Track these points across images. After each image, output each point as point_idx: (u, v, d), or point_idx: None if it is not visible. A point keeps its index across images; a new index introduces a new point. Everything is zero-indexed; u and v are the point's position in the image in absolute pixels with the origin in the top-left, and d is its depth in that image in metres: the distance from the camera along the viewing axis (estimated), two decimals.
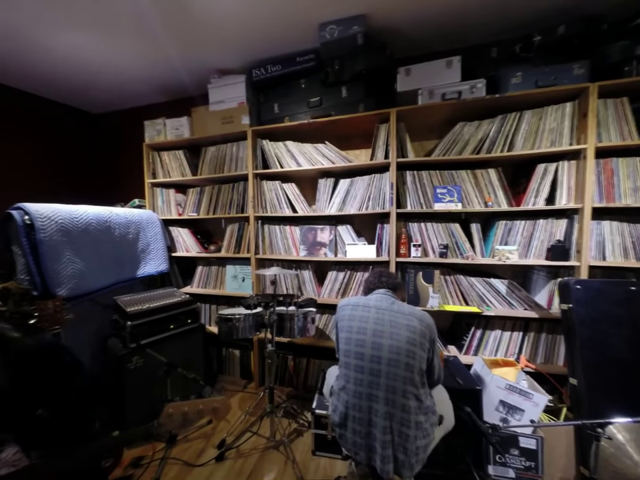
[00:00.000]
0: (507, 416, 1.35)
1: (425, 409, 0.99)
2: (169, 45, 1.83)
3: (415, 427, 0.95)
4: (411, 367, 0.97)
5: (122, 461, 1.41)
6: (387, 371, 0.98)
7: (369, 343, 1.02)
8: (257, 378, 2.10)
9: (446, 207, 1.68)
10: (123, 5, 1.49)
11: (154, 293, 1.89)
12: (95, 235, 1.72)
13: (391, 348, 0.99)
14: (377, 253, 1.82)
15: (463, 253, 1.69)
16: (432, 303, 1.69)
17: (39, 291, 1.43)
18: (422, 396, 0.99)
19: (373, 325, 1.04)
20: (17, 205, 1.46)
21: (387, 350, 0.99)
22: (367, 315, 1.07)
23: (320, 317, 1.98)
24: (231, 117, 2.00)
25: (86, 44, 1.81)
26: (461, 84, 1.62)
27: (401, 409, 0.95)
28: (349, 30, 1.63)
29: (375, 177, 1.81)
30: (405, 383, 0.96)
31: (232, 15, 1.58)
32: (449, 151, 1.68)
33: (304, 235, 1.98)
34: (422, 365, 0.99)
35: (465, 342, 1.70)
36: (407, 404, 0.96)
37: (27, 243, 1.42)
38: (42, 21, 1.60)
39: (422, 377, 1.00)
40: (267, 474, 1.40)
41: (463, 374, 1.47)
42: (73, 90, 2.40)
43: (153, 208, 2.32)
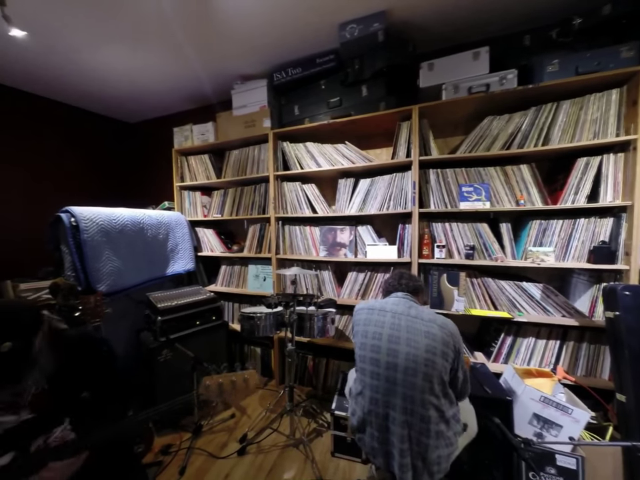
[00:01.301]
0: (542, 431, 1.25)
1: (447, 418, 0.94)
2: (195, 56, 1.93)
3: (436, 437, 0.91)
4: (430, 376, 0.92)
5: (153, 448, 1.51)
6: (404, 379, 0.94)
7: (384, 349, 0.98)
8: (277, 376, 2.14)
9: (472, 206, 1.59)
10: (152, 21, 1.59)
11: (182, 291, 1.99)
12: (130, 235, 1.85)
13: (408, 355, 0.94)
14: (399, 253, 1.78)
15: (492, 255, 1.60)
16: (457, 306, 1.61)
17: (83, 287, 1.57)
18: (443, 406, 0.93)
19: (388, 330, 1.00)
20: (65, 208, 1.61)
21: (404, 357, 0.94)
22: (383, 320, 1.03)
23: (340, 317, 1.97)
24: (253, 121, 2.06)
25: (121, 59, 1.96)
26: (490, 76, 1.53)
27: (419, 419, 0.91)
28: (370, 28, 1.61)
29: (396, 176, 1.77)
30: (423, 393, 0.92)
31: (253, 22, 1.63)
32: (476, 147, 1.60)
33: (324, 235, 1.98)
34: (444, 375, 0.94)
35: (493, 349, 1.60)
36: (427, 414, 0.91)
37: (72, 243, 1.56)
38: (84, 42, 1.76)
39: (444, 387, 0.95)
40: (286, 471, 1.41)
41: (491, 382, 1.38)
42: (112, 102, 2.61)
43: (181, 210, 2.45)
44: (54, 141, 2.52)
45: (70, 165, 2.63)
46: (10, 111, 2.26)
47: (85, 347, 0.91)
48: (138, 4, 1.47)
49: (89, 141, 2.77)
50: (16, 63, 1.96)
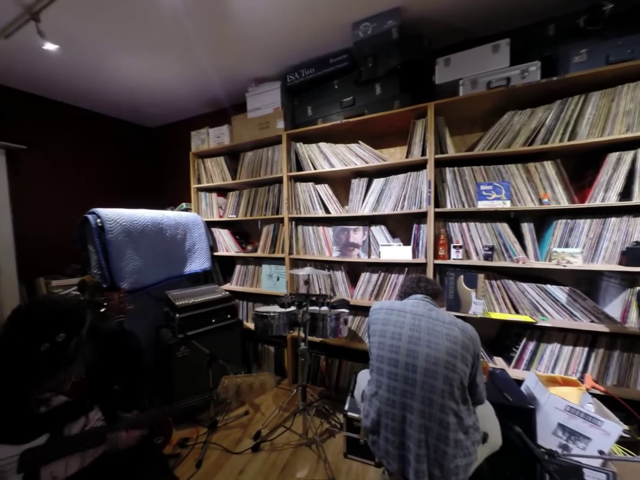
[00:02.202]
0: (568, 443, 1.18)
1: (466, 427, 0.91)
2: (211, 62, 1.99)
3: (454, 445, 0.88)
4: (450, 379, 0.90)
5: (171, 440, 1.56)
6: (423, 381, 0.92)
7: (403, 349, 0.97)
8: (291, 375, 2.16)
9: (492, 205, 1.53)
10: (170, 31, 1.65)
11: (199, 289, 2.06)
12: (150, 235, 1.93)
13: (428, 357, 0.92)
14: (413, 254, 1.74)
15: (512, 256, 1.53)
16: (475, 309, 1.56)
17: (107, 284, 1.65)
18: (462, 413, 0.91)
19: (408, 331, 0.99)
20: (92, 210, 1.70)
21: (423, 359, 0.93)
22: (402, 321, 1.02)
23: (353, 318, 1.96)
24: (267, 123, 2.09)
25: (142, 68, 2.05)
26: (510, 69, 1.47)
27: (438, 424, 0.89)
28: (384, 25, 1.59)
29: (410, 175, 1.74)
30: (443, 397, 0.89)
31: (267, 27, 1.65)
32: (496, 143, 1.54)
33: (337, 235, 1.98)
34: (463, 379, 0.91)
35: (514, 354, 1.53)
36: (445, 419, 0.89)
37: (98, 243, 1.65)
38: (108, 52, 1.85)
39: (463, 392, 0.92)
40: (299, 470, 1.42)
41: (511, 389, 1.32)
42: (134, 108, 2.74)
43: (197, 211, 2.53)
44: (82, 147, 2.68)
45: (96, 168, 2.78)
46: (45, 121, 2.43)
47: (118, 342, 0.96)
48: (157, 14, 1.53)
49: (113, 145, 2.92)
50: (49, 75, 2.10)
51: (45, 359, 0.72)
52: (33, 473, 0.72)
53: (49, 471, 0.73)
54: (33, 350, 0.70)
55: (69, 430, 0.78)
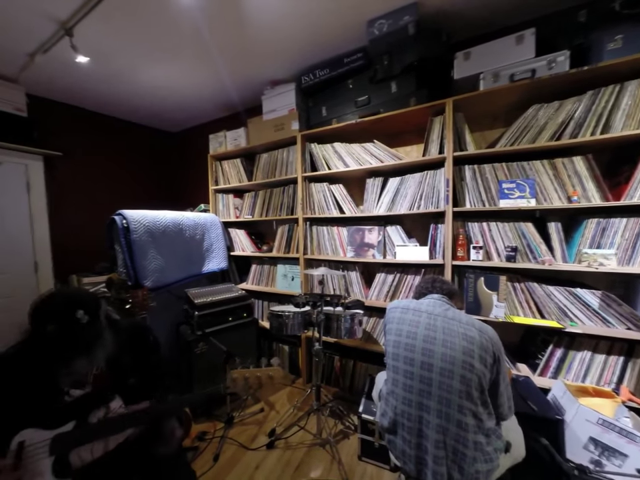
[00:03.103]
0: (601, 458, 1.10)
1: (487, 430, 0.87)
2: (228, 68, 2.05)
3: (474, 448, 0.85)
4: (468, 380, 0.87)
5: (190, 433, 1.62)
6: (440, 381, 0.90)
7: (418, 348, 0.96)
8: (305, 374, 2.17)
9: (515, 203, 1.46)
10: (189, 39, 1.71)
11: (216, 288, 2.12)
12: (171, 236, 2.01)
13: (444, 357, 0.90)
14: (430, 255, 1.69)
15: (538, 257, 1.45)
16: (496, 312, 1.49)
17: (132, 282, 1.74)
18: (482, 414, 0.87)
19: (423, 330, 0.97)
20: (118, 212, 1.80)
21: (439, 358, 0.91)
22: (418, 320, 1.01)
23: (367, 319, 1.94)
24: (282, 124, 2.11)
25: (163, 75, 2.14)
26: (536, 60, 1.39)
27: (456, 425, 0.87)
28: (399, 21, 1.56)
29: (427, 174, 1.69)
30: (460, 397, 0.87)
31: (282, 30, 1.67)
32: (519, 139, 1.46)
33: (351, 235, 1.96)
34: (482, 381, 0.88)
35: (539, 361, 1.45)
36: (464, 420, 0.86)
37: (124, 242, 1.74)
38: (133, 62, 1.95)
39: (481, 393, 0.88)
40: (313, 469, 1.43)
41: (536, 398, 1.25)
42: (156, 114, 2.87)
43: (215, 211, 2.61)
44: (110, 152, 2.84)
45: (123, 172, 2.94)
46: (77, 129, 2.60)
47: (135, 336, 1.01)
48: (177, 24, 1.59)
49: (138, 150, 3.08)
50: (80, 86, 2.25)
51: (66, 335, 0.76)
52: (62, 456, 0.77)
53: (77, 455, 0.78)
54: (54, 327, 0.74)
55: (93, 418, 0.83)
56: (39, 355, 0.77)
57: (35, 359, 0.77)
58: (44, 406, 0.79)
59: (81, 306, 0.79)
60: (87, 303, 0.82)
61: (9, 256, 2.21)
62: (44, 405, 0.79)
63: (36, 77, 2.10)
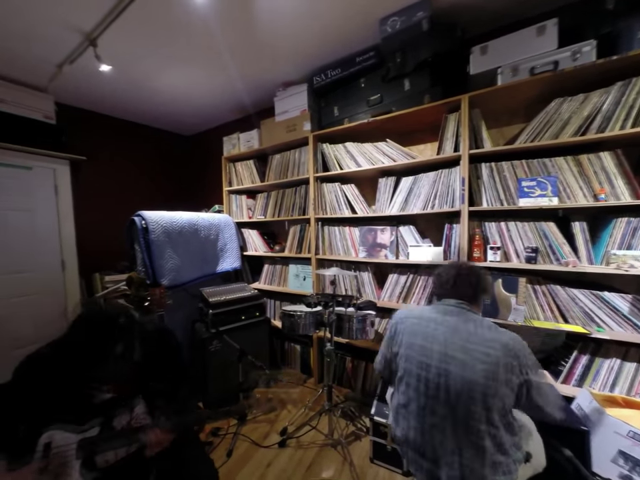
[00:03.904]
0: (632, 473, 1.03)
1: (506, 449, 0.82)
2: (241, 71, 2.08)
3: (492, 467, 0.81)
4: (489, 405, 0.80)
5: (205, 428, 1.66)
6: (456, 404, 0.84)
7: (433, 368, 0.88)
8: (316, 374, 2.17)
9: (535, 202, 1.40)
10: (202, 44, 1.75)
11: (230, 287, 2.16)
12: (187, 236, 2.07)
13: (463, 380, 0.83)
14: (445, 255, 1.65)
15: (561, 259, 1.38)
16: (515, 316, 1.43)
17: (150, 280, 1.81)
18: (502, 437, 0.81)
19: (438, 347, 0.89)
20: (138, 213, 1.88)
21: (458, 381, 0.83)
22: (433, 334, 0.91)
23: (380, 320, 1.91)
24: (294, 125, 2.13)
25: (178, 80, 2.21)
26: (558, 52, 1.33)
27: (473, 448, 0.82)
28: (413, 18, 1.53)
29: (442, 173, 1.65)
30: (479, 422, 0.81)
31: (294, 31, 1.68)
32: (540, 135, 1.40)
33: (363, 235, 1.95)
34: (506, 404, 0.82)
35: (562, 368, 1.38)
36: (481, 444, 0.81)
37: (143, 242, 1.81)
38: (150, 69, 2.03)
39: (504, 416, 0.82)
40: (324, 470, 1.43)
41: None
42: (172, 118, 2.96)
43: (229, 212, 2.66)
44: (130, 155, 2.96)
45: (142, 174, 3.06)
46: (100, 134, 2.73)
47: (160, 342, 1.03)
48: (191, 31, 1.64)
49: (156, 153, 3.19)
50: (103, 93, 2.36)
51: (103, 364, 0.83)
52: (89, 458, 0.81)
53: (103, 457, 0.82)
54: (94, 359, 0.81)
55: (117, 422, 0.86)
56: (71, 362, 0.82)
57: (66, 363, 0.83)
58: (71, 406, 0.83)
59: (120, 339, 0.84)
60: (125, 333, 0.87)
61: (38, 255, 2.35)
62: (71, 405, 0.83)
63: (63, 86, 2.22)
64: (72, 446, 0.79)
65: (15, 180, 2.23)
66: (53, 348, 0.87)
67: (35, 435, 0.78)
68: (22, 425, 0.80)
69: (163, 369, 1.00)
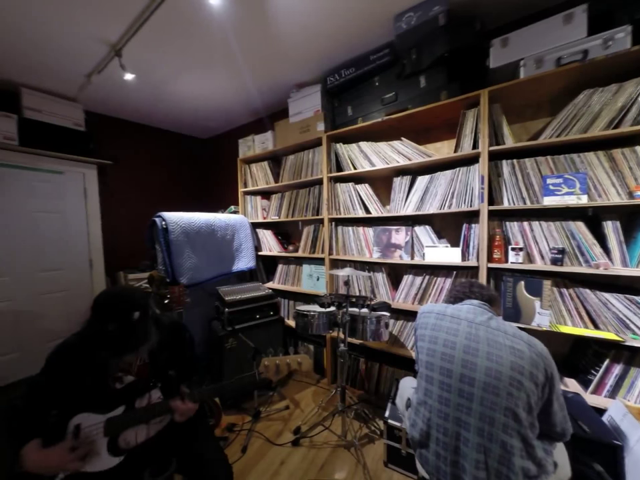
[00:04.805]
0: None
1: (538, 458, 0.78)
2: (256, 74, 2.12)
3: (522, 474, 0.77)
4: (515, 398, 0.78)
5: (221, 424, 1.70)
6: (482, 397, 0.82)
7: (458, 359, 0.88)
8: (329, 375, 2.17)
9: (562, 200, 1.32)
10: (218, 50, 1.80)
11: (245, 286, 2.20)
12: (204, 236, 2.13)
13: (488, 371, 0.82)
14: (463, 256, 1.60)
15: (590, 260, 1.29)
16: (539, 320, 1.36)
17: (170, 279, 1.88)
18: (531, 439, 0.78)
19: (463, 339, 0.90)
20: (158, 214, 1.96)
21: (483, 372, 0.83)
22: (457, 328, 0.93)
23: (394, 322, 1.88)
24: (308, 126, 2.14)
25: (196, 85, 2.28)
26: (588, 40, 1.25)
27: (500, 446, 0.78)
28: (429, 13, 1.50)
29: (459, 171, 1.60)
30: (505, 416, 0.79)
31: (308, 31, 1.69)
32: (568, 129, 1.32)
33: (377, 236, 1.92)
34: (531, 400, 0.79)
35: (593, 377, 1.29)
36: (509, 442, 0.78)
37: (163, 242, 1.89)
38: (170, 75, 2.11)
39: (529, 414, 0.79)
40: (337, 471, 1.42)
41: (589, 418, 1.12)
42: (190, 122, 3.07)
43: (244, 213, 2.72)
44: (151, 159, 3.10)
45: (162, 177, 3.19)
46: (124, 139, 2.88)
47: (174, 332, 1.09)
48: (208, 38, 1.69)
49: (175, 157, 3.32)
50: (127, 100, 2.48)
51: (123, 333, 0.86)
52: (113, 438, 0.86)
53: (123, 438, 0.87)
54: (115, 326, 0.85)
55: (137, 404, 0.91)
56: (96, 346, 0.86)
57: (92, 348, 0.87)
58: (97, 391, 0.89)
59: (137, 308, 0.88)
60: (141, 304, 0.91)
61: (69, 254, 2.51)
62: (97, 391, 0.89)
63: (91, 95, 2.36)
64: (99, 426, 0.85)
65: (48, 184, 2.40)
66: (78, 336, 0.94)
67: (65, 419, 0.84)
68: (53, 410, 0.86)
69: (177, 359, 1.04)
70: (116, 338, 0.84)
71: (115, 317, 0.85)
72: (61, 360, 0.90)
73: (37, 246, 2.34)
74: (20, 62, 1.90)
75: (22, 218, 2.27)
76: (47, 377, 0.89)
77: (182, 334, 1.12)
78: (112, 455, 0.85)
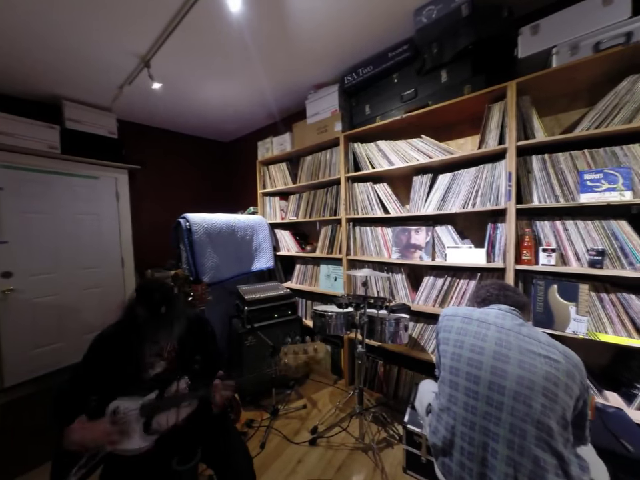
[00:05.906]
0: None
1: (574, 477, 0.72)
2: (274, 78, 2.16)
3: None
4: (549, 410, 0.73)
5: (241, 419, 1.75)
6: (513, 407, 0.77)
7: (486, 365, 0.84)
8: (347, 376, 2.15)
9: (602, 198, 1.22)
10: (239, 55, 1.85)
11: (264, 285, 2.25)
12: (225, 236, 2.21)
13: (520, 379, 0.78)
14: (488, 258, 1.52)
15: (635, 263, 1.18)
16: (575, 327, 1.26)
17: (193, 277, 1.96)
18: (567, 457, 0.72)
19: (493, 345, 0.85)
20: (183, 215, 2.05)
21: (515, 381, 0.78)
22: (485, 333, 0.88)
23: (414, 325, 1.83)
24: (325, 126, 2.14)
25: (218, 92, 2.36)
26: (633, 21, 1.14)
27: (532, 461, 0.73)
28: (451, 4, 1.45)
29: (484, 168, 1.52)
30: (539, 429, 0.73)
31: (325, 31, 1.69)
32: (608, 119, 1.22)
33: (396, 236, 1.88)
34: (566, 414, 0.74)
35: (637, 391, 1.18)
36: (542, 457, 0.72)
37: (187, 242, 1.98)
38: (193, 83, 2.20)
39: (564, 429, 0.74)
40: (355, 474, 1.40)
41: (633, 436, 1.02)
42: (212, 127, 3.18)
43: (262, 213, 2.77)
44: (176, 163, 3.26)
45: (186, 180, 3.34)
46: (151, 145, 3.05)
47: (198, 324, 1.15)
48: (228, 44, 1.74)
49: (197, 160, 3.46)
50: (154, 108, 2.63)
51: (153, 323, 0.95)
52: (147, 421, 0.93)
53: (157, 421, 0.93)
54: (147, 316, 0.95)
55: (168, 392, 0.98)
56: (131, 334, 0.96)
57: (128, 334, 0.96)
58: (132, 379, 0.97)
59: (165, 301, 0.98)
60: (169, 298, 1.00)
61: (103, 253, 2.71)
62: (132, 378, 0.97)
63: (122, 104, 2.53)
64: (135, 409, 0.93)
65: (85, 188, 2.60)
66: (115, 326, 1.03)
67: (103, 404, 0.93)
68: (93, 396, 0.94)
69: (201, 348, 1.12)
70: (146, 323, 0.94)
71: (145, 307, 0.95)
72: (99, 349, 0.99)
73: (77, 245, 2.55)
74: (64, 76, 2.08)
75: (66, 220, 2.50)
76: (87, 364, 0.98)
77: (205, 327, 1.18)
78: (149, 433, 0.92)
